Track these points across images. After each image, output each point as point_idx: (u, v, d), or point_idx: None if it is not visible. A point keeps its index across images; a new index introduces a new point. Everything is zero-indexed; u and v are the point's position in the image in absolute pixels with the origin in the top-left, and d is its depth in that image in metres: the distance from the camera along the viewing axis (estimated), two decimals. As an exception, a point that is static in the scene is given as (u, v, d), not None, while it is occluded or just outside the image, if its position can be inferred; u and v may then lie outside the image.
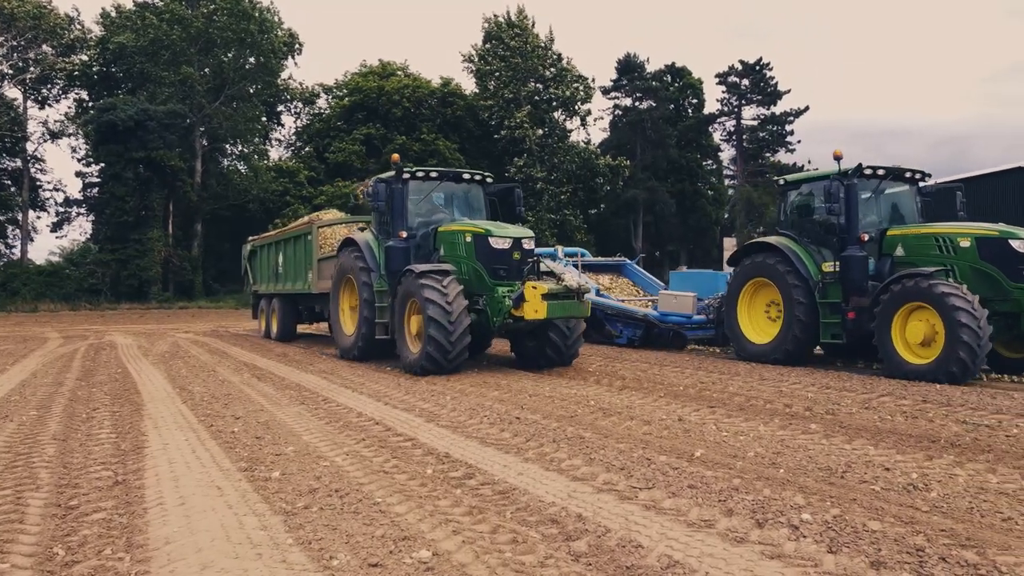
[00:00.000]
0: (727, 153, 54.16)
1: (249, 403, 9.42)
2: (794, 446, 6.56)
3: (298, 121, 54.67)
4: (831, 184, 11.82)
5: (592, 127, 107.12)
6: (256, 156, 49.85)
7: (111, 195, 40.21)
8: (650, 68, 51.66)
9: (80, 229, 58.70)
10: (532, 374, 11.78)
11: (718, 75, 50.71)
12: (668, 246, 52.90)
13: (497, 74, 47.06)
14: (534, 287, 11.05)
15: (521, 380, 10.81)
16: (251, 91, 47.06)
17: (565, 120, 49.10)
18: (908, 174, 12.69)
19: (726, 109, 51.24)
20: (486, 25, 48.41)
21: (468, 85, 50.66)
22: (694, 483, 5.38)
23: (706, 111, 52.94)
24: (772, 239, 13.28)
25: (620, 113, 51.89)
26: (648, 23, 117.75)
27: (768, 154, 50.97)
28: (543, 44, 48.00)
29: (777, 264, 12.72)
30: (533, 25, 48.19)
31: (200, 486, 5.58)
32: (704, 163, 53.96)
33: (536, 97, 46.89)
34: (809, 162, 46.33)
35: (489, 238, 11.72)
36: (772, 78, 49.81)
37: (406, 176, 12.81)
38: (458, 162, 43.13)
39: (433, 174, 13.17)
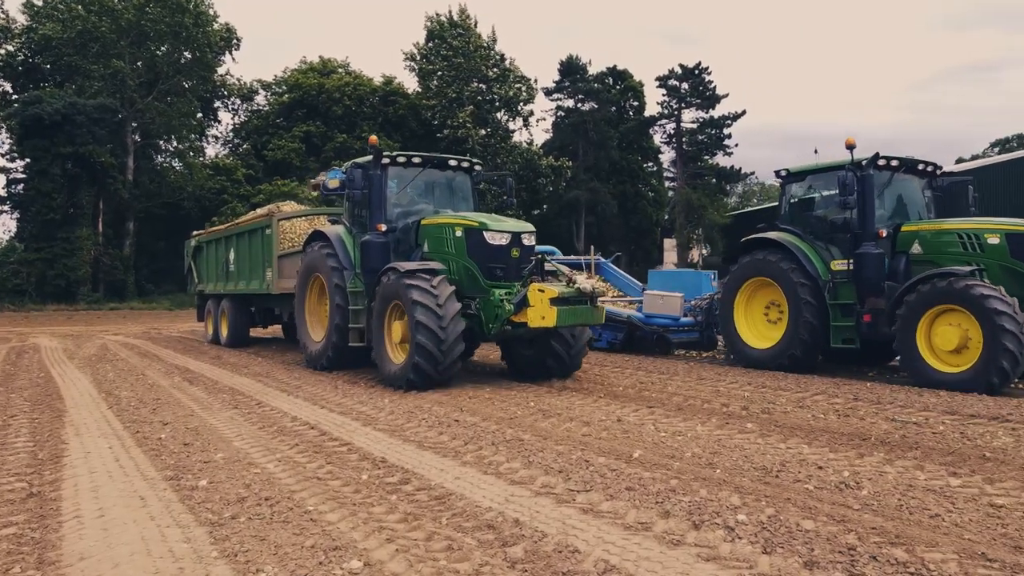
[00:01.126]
0: (667, 155, 54.89)
1: (179, 408, 9.10)
2: (731, 446, 6.61)
3: (235, 118, 53.39)
4: (846, 175, 10.77)
5: (535, 128, 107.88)
6: (191, 153, 48.52)
7: (37, 192, 38.57)
8: (592, 70, 52.01)
9: (3, 227, 56.33)
10: (470, 375, 11.67)
11: (658, 78, 51.29)
12: (610, 246, 53.36)
13: (440, 73, 46.76)
14: (541, 290, 9.68)
15: (461, 382, 10.70)
16: (186, 86, 45.77)
17: (508, 120, 49.11)
18: (921, 166, 11.79)
19: (666, 112, 51.89)
20: (428, 24, 48.08)
21: (410, 84, 50.30)
22: (632, 485, 5.36)
23: (647, 114, 53.54)
24: (773, 235, 12.20)
25: (562, 114, 52.10)
26: (589, 26, 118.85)
27: (707, 157, 51.81)
28: (486, 44, 47.89)
29: (780, 262, 11.69)
30: (476, 25, 48.05)
31: (121, 496, 5.33)
32: (645, 165, 54.57)
33: (479, 97, 46.77)
34: (744, 171, 47.37)
35: (484, 232, 10.26)
36: (711, 82, 50.62)
37: (385, 161, 11.33)
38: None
39: (416, 159, 11.67)
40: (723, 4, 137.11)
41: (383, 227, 11.09)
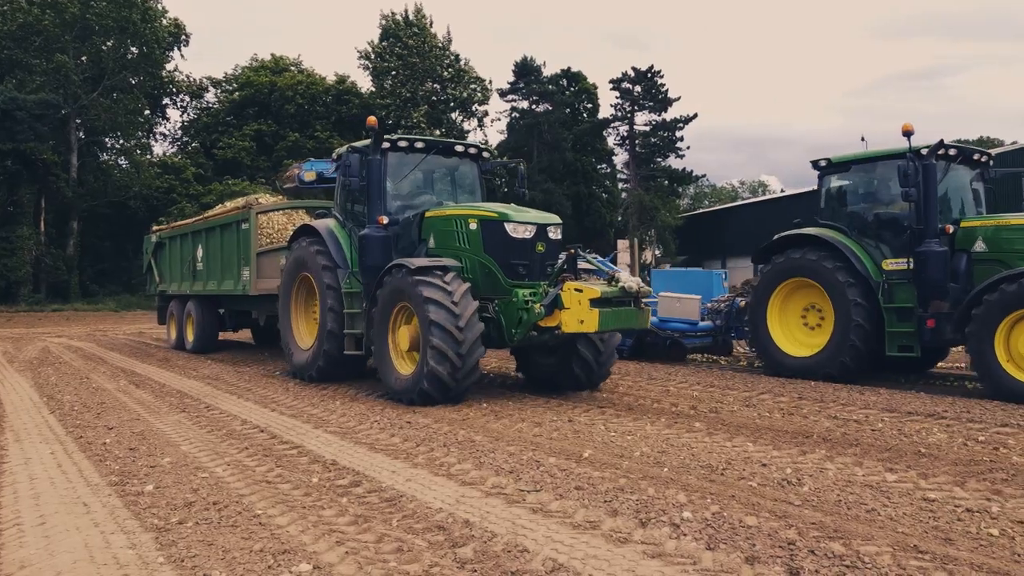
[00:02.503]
0: (620, 157, 55.42)
1: (124, 412, 8.93)
2: (678, 445, 6.74)
3: (185, 115, 52.40)
4: (907, 164, 9.65)
5: (489, 128, 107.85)
6: (138, 151, 47.45)
7: (-26, 189, 37.39)
8: (546, 72, 52.29)
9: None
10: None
11: (612, 81, 51.74)
12: (566, 245, 53.62)
13: (394, 73, 46.57)
14: (578, 289, 8.53)
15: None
16: (133, 82, 44.74)
17: (462, 121, 49.16)
18: (976, 156, 10.89)
19: (619, 114, 52.41)
20: (383, 22, 47.86)
21: (364, 83, 49.97)
22: (581, 484, 5.44)
23: (600, 116, 54.00)
24: (814, 231, 11.10)
25: (517, 115, 52.29)
26: (543, 29, 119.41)
27: (659, 159, 52.46)
28: (441, 44, 47.85)
29: (825, 261, 10.58)
30: (431, 25, 48.01)
31: (64, 503, 5.23)
32: (599, 167, 55.04)
33: (433, 97, 46.70)
34: (695, 174, 48.10)
35: (505, 224, 9.06)
36: (663, 85, 51.27)
37: (385, 145, 10.12)
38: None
39: (419, 144, 10.50)
40: (671, 10, 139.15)
41: (384, 219, 9.77)
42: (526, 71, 51.66)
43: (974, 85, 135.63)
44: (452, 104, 47.88)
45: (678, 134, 51.64)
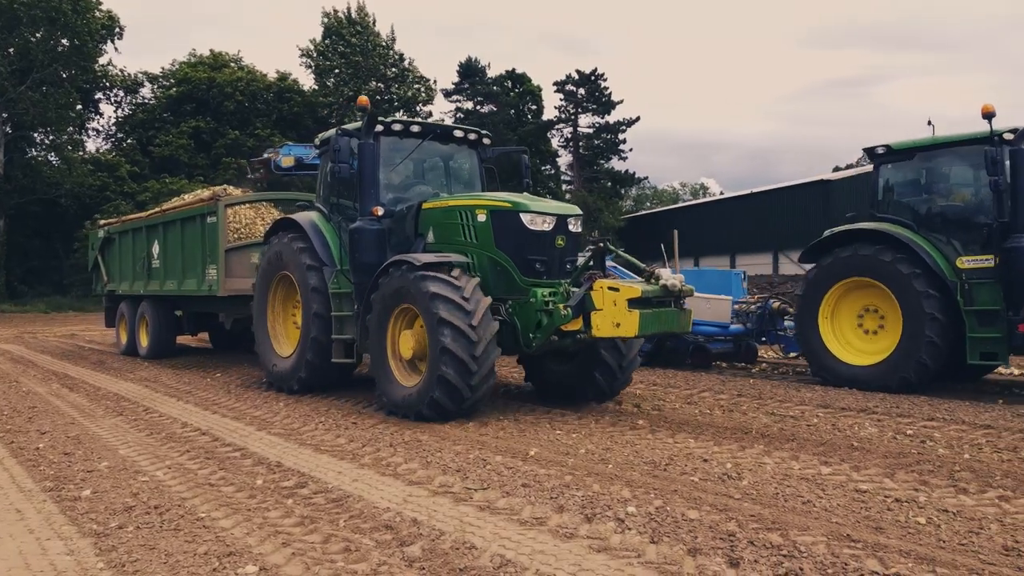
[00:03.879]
0: (564, 159, 55.88)
1: (58, 416, 8.66)
2: (622, 442, 6.86)
3: (119, 111, 50.83)
4: (995, 150, 8.78)
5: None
6: (70, 147, 45.84)
7: None
8: (491, 73, 52.41)
9: None
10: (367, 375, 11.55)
11: (556, 83, 52.20)
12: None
13: (337, 71, 46.07)
14: (613, 288, 7.61)
15: (362, 383, 10.60)
16: (63, 76, 43.24)
17: (407, 121, 48.90)
18: None
19: (563, 116, 52.87)
20: (326, 20, 47.27)
21: (307, 81, 49.27)
22: (528, 482, 5.50)
23: (544, 118, 54.36)
24: (874, 225, 10.06)
25: (462, 116, 52.26)
26: (487, 30, 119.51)
27: (602, 161, 53.06)
28: (385, 43, 47.51)
29: (890, 258, 9.51)
30: (374, 23, 47.62)
31: (-4, 510, 5.06)
32: (543, 168, 55.39)
33: (377, 97, 46.31)
34: (637, 175, 48.74)
35: (521, 216, 8.13)
36: (606, 88, 51.92)
37: (379, 128, 9.11)
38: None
39: (415, 128, 9.54)
40: (613, 15, 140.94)
41: (380, 211, 8.75)
42: (471, 72, 51.69)
43: (899, 93, 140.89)
44: (396, 104, 47.56)
45: (621, 136, 52.37)
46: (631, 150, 66.65)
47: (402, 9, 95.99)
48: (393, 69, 47.48)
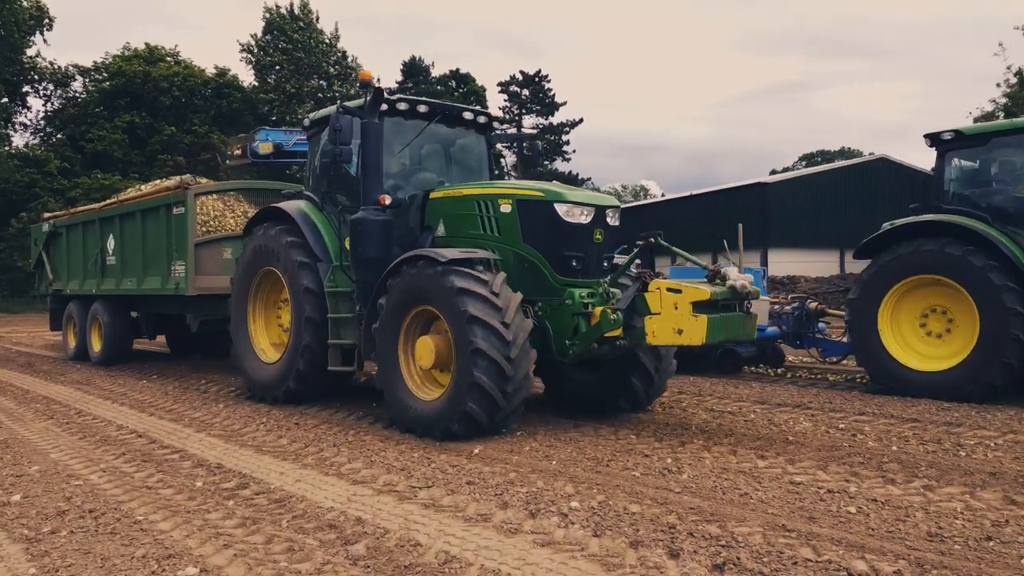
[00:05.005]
0: (509, 159, 56.08)
1: (-16, 420, 8.34)
2: (566, 439, 6.94)
3: (48, 105, 49.08)
4: None
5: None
6: (-5, 141, 44.12)
7: None
8: (435, 73, 52.28)
9: None
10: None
11: (500, 84, 52.44)
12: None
13: (278, 68, 45.35)
14: (673, 289, 6.69)
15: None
16: (-11, 68, 41.58)
17: (350, 119, 48.40)
18: None
19: (507, 117, 53.06)
20: (267, 15, 46.48)
21: (247, 77, 48.35)
22: (472, 479, 5.53)
23: (489, 118, 54.53)
24: (941, 217, 9.26)
25: (406, 115, 52.06)
26: (430, 30, 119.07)
27: (546, 162, 53.40)
28: (328, 40, 46.96)
29: (961, 252, 8.70)
30: (318, 20, 47.02)
31: (-82, 517, 4.86)
32: (488, 168, 55.57)
33: (320, 94, 45.72)
34: (581, 177, 49.24)
35: (556, 206, 7.24)
36: (550, 90, 52.31)
37: (383, 107, 8.10)
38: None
39: (422, 107, 8.48)
40: (557, 17, 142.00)
41: (387, 199, 7.83)
42: (415, 71, 51.47)
43: (835, 99, 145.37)
44: (339, 101, 47.10)
45: (564, 138, 52.78)
46: (574, 152, 67.40)
47: (346, 6, 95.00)
48: (336, 67, 46.93)
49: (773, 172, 57.28)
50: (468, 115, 8.92)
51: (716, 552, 4.04)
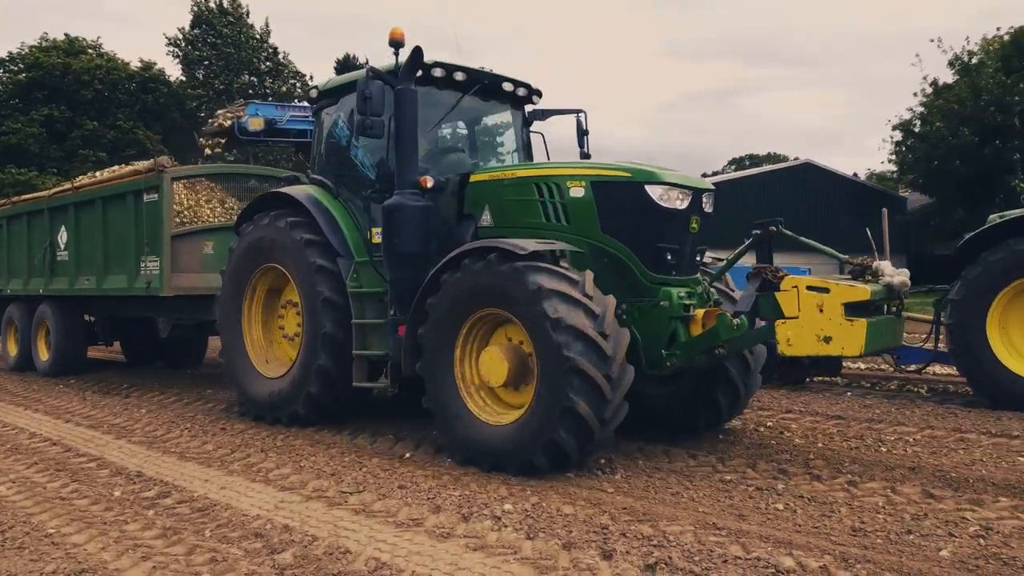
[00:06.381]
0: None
1: None
2: (500, 440, 6.89)
3: (-42, 96, 46.74)
4: None
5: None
6: (-100, 133, 41.76)
7: None
8: (370, 70, 51.72)
9: None
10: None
11: (436, 83, 52.19)
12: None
13: (207, 63, 44.19)
14: (818, 287, 5.53)
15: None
16: None
17: (282, 116, 47.49)
18: None
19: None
20: (195, 9, 45.24)
21: (174, 72, 46.95)
22: (404, 483, 5.44)
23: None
24: None
25: (340, 113, 51.37)
26: (365, 26, 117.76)
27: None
28: (258, 36, 45.99)
29: None
30: (248, 15, 46.00)
31: None
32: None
33: (251, 91, 44.71)
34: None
35: (647, 188, 6.04)
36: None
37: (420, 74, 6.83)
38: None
39: (458, 75, 7.28)
40: (494, 16, 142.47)
41: (429, 180, 6.68)
42: (348, 69, 50.73)
43: (764, 105, 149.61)
44: (270, 98, 46.11)
45: (501, 139, 52.81)
46: (511, 152, 67.26)
47: (276, 1, 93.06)
48: (268, 63, 45.99)
49: (704, 175, 58.51)
50: (508, 86, 7.68)
51: (648, 552, 4.05)
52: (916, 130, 22.69)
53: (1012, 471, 5.66)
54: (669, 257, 6.13)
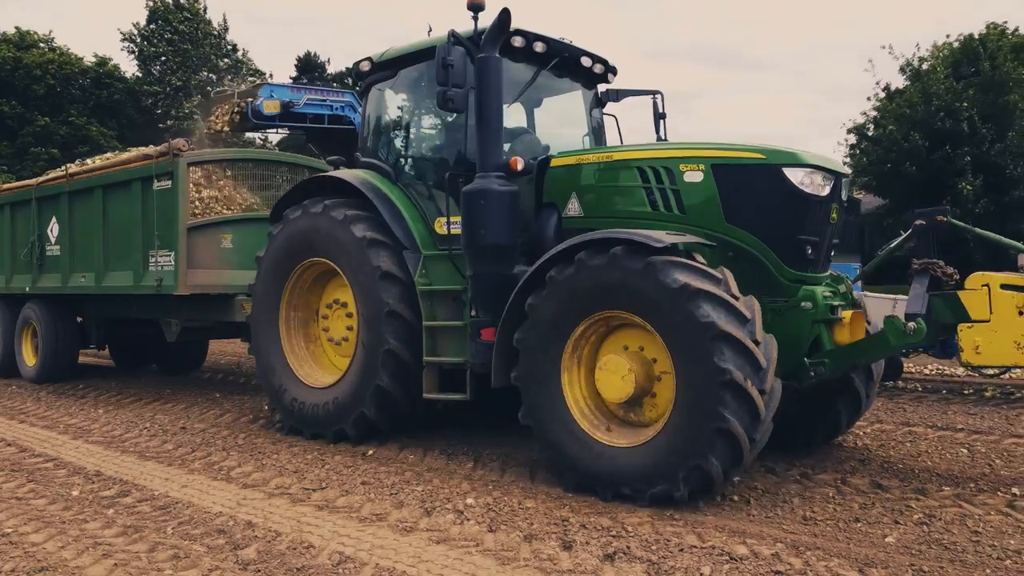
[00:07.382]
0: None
1: None
2: (465, 439, 6.95)
3: (-96, 90, 45.30)
4: None
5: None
6: None
7: None
8: (331, 69, 51.24)
9: None
10: (180, 377, 10.99)
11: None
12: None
13: (164, 59, 43.48)
14: (1016, 286, 4.81)
15: (190, 383, 10.05)
16: None
17: (241, 114, 46.89)
18: None
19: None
20: (151, 4, 44.49)
21: (129, 68, 46.07)
22: (367, 479, 5.48)
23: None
24: None
25: (300, 112, 50.83)
26: (325, 25, 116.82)
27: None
28: (216, 32, 45.37)
29: None
30: (205, 11, 45.34)
31: None
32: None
33: (208, 88, 44.09)
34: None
35: (786, 172, 5.28)
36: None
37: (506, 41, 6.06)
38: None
39: (539, 46, 6.43)
40: (461, 16, 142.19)
41: (519, 162, 5.86)
42: (310, 67, 50.27)
43: (719, 108, 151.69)
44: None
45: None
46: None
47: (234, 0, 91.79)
48: (226, 60, 45.39)
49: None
50: (586, 60, 6.86)
51: (607, 542, 4.15)
52: (870, 134, 23.17)
53: (955, 462, 5.90)
54: (809, 251, 5.39)
